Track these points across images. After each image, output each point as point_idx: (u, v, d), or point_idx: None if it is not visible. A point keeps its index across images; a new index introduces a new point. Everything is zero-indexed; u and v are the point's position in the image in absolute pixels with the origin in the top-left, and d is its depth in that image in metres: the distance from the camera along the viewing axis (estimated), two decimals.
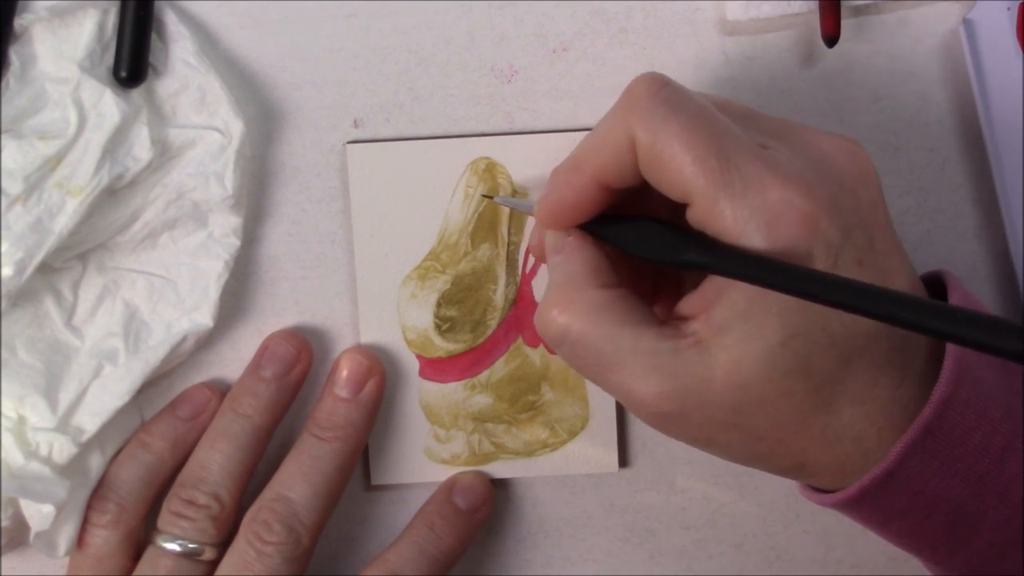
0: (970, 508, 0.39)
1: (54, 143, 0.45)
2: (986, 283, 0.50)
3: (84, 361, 0.47)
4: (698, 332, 0.39)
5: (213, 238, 0.48)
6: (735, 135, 0.38)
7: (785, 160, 0.38)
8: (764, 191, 0.37)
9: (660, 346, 0.39)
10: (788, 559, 0.52)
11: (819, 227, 0.37)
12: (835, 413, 0.39)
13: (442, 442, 0.50)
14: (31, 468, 0.45)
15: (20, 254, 0.44)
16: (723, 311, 0.38)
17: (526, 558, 0.52)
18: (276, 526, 0.46)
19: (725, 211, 0.38)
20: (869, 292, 0.35)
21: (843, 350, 0.38)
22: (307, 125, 0.49)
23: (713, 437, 0.40)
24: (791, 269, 0.36)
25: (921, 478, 0.39)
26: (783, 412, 0.38)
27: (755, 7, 0.48)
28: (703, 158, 0.38)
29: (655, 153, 0.38)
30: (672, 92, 0.39)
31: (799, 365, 0.38)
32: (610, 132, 0.40)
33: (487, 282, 0.49)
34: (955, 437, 0.38)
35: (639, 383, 0.39)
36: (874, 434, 0.39)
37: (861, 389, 0.39)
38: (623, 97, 0.40)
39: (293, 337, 0.49)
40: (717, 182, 0.38)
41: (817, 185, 0.38)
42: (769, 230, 0.37)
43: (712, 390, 0.38)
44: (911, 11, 0.49)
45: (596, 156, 0.40)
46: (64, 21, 0.46)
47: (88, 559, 0.47)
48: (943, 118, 0.50)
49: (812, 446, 0.39)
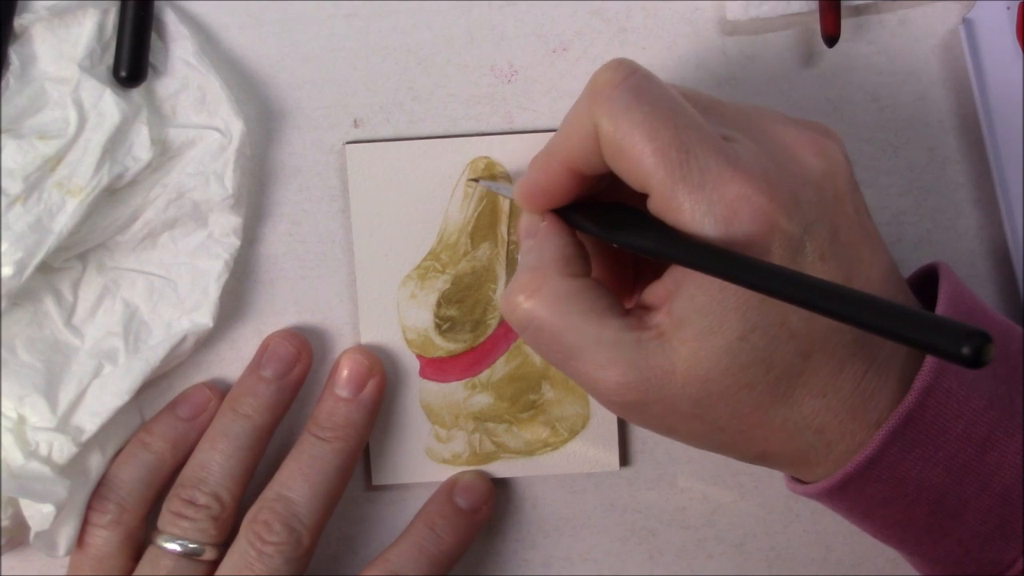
0: (952, 497, 0.40)
1: (54, 143, 0.45)
2: (986, 283, 0.50)
3: (84, 361, 0.47)
4: (661, 324, 0.39)
5: (213, 238, 0.48)
6: (698, 126, 0.38)
7: (747, 154, 0.38)
8: (722, 185, 0.37)
9: (623, 337, 0.39)
10: (788, 559, 0.52)
11: (776, 223, 0.37)
12: (795, 405, 0.39)
13: (443, 442, 0.50)
14: (31, 468, 0.45)
15: (20, 254, 0.44)
16: (682, 304, 0.38)
17: (526, 558, 0.52)
18: (277, 526, 0.46)
19: (683, 203, 0.38)
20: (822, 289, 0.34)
21: (802, 344, 0.38)
22: (307, 125, 0.49)
23: (675, 426, 0.40)
24: (747, 262, 0.36)
25: (903, 466, 0.39)
26: (744, 404, 0.39)
27: (755, 7, 0.48)
28: (663, 149, 0.38)
29: (616, 142, 0.38)
30: (638, 80, 0.39)
31: (758, 359, 0.38)
32: (577, 119, 0.40)
33: (487, 281, 0.49)
34: (937, 426, 0.39)
35: (601, 373, 0.39)
36: (836, 426, 0.39)
37: (822, 381, 0.39)
38: (589, 84, 0.40)
39: (293, 337, 0.49)
40: (675, 174, 0.38)
41: (777, 180, 0.38)
42: (726, 225, 0.37)
43: (673, 382, 0.38)
44: (911, 11, 0.49)
45: (566, 142, 0.40)
46: (64, 21, 0.46)
47: (88, 559, 0.47)
48: (943, 118, 0.50)
49: (774, 436, 0.39)
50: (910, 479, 0.39)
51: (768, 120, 0.41)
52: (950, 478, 0.39)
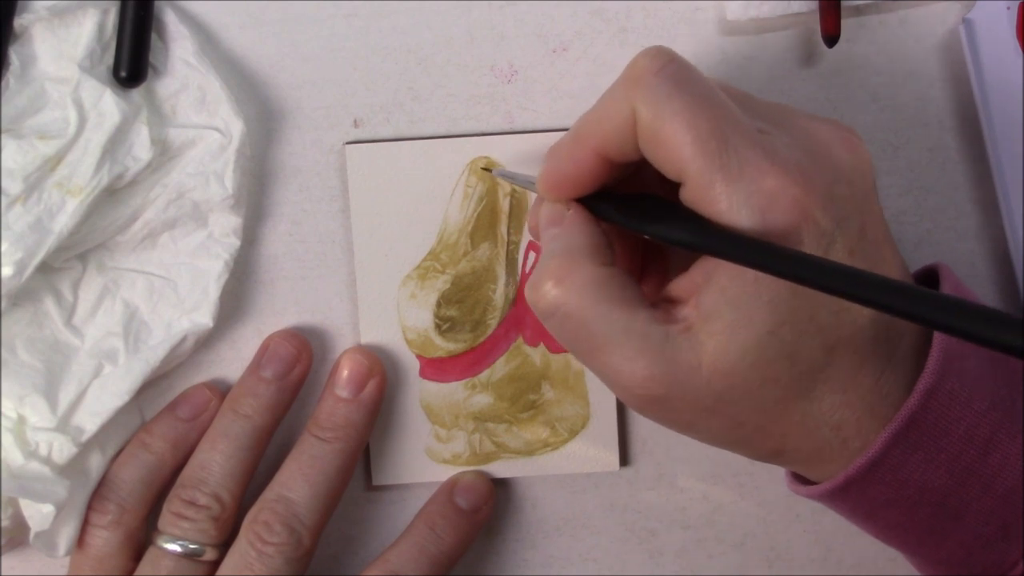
0: (954, 498, 0.40)
1: (54, 143, 0.45)
2: (986, 283, 0.50)
3: (84, 361, 0.47)
4: (688, 317, 0.39)
5: (213, 238, 0.48)
6: (736, 118, 0.38)
7: (783, 147, 0.38)
8: (760, 177, 0.37)
9: (652, 329, 0.38)
10: (788, 559, 0.52)
11: (812, 215, 0.37)
12: (816, 400, 0.39)
13: (443, 442, 0.50)
14: (31, 468, 0.45)
15: (20, 254, 0.44)
16: (712, 296, 0.38)
17: (526, 558, 0.52)
18: (277, 527, 0.46)
19: (720, 194, 0.38)
20: (863, 278, 0.35)
21: (828, 338, 0.38)
22: (307, 125, 0.49)
23: (694, 422, 0.40)
24: (784, 252, 0.36)
25: (905, 467, 0.39)
26: (766, 399, 0.38)
27: (755, 7, 0.48)
28: (702, 139, 0.38)
29: (655, 129, 0.38)
30: (678, 68, 0.39)
31: (785, 353, 0.38)
32: (613, 104, 0.39)
33: (487, 281, 0.49)
34: (939, 427, 0.39)
35: (627, 365, 0.38)
36: (853, 422, 0.39)
37: (843, 377, 0.39)
38: (627, 69, 0.39)
39: (293, 337, 0.49)
40: (714, 164, 0.37)
41: (813, 173, 0.38)
42: (763, 216, 0.37)
43: (699, 377, 0.38)
44: (911, 11, 0.49)
45: (598, 128, 0.40)
46: (64, 21, 0.46)
47: (89, 560, 0.47)
48: (943, 118, 0.50)
49: (792, 432, 0.39)
50: (912, 481, 0.39)
51: (798, 116, 0.41)
52: (952, 480, 0.39)
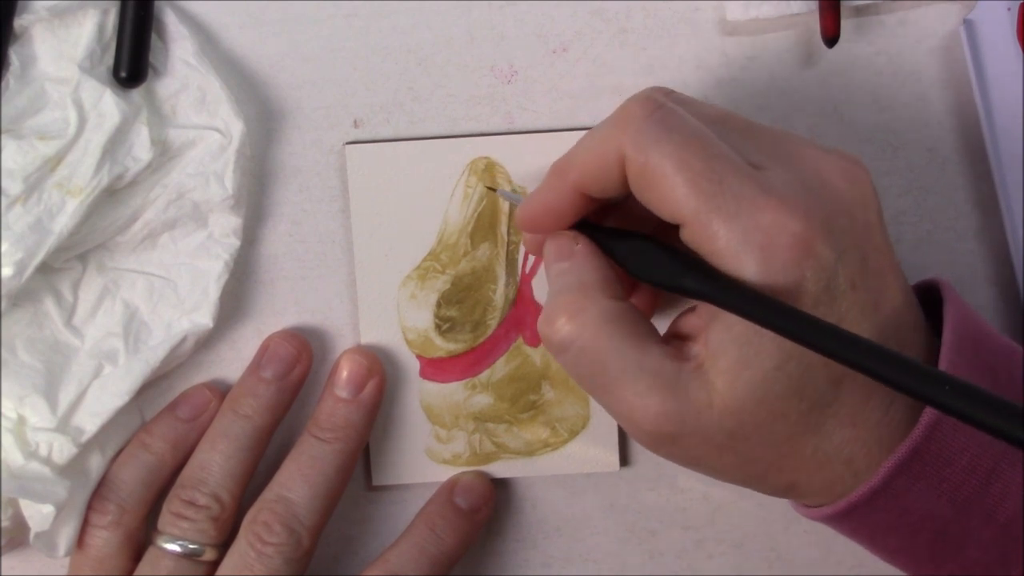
0: (956, 526, 0.40)
1: (54, 143, 0.45)
2: (986, 284, 0.50)
3: (84, 361, 0.47)
4: (699, 355, 0.39)
5: (213, 238, 0.48)
6: (728, 157, 0.38)
7: (780, 182, 0.38)
8: (757, 213, 0.37)
9: (665, 366, 0.38)
10: (788, 559, 0.52)
11: (812, 250, 0.37)
12: (826, 435, 0.39)
13: (443, 442, 0.50)
14: (31, 468, 0.45)
15: (20, 254, 0.44)
16: (718, 334, 0.38)
17: (526, 558, 0.52)
18: (277, 527, 0.46)
19: (718, 233, 0.37)
20: (857, 344, 0.35)
21: (834, 371, 0.38)
22: (307, 125, 0.49)
23: (705, 459, 0.40)
24: (784, 309, 0.36)
25: (907, 497, 0.39)
26: (777, 435, 0.38)
27: (755, 7, 0.48)
28: (695, 180, 0.38)
29: (646, 173, 0.38)
30: (666, 113, 0.39)
31: (793, 388, 0.38)
32: (599, 145, 0.40)
33: (487, 282, 0.49)
34: (942, 459, 0.39)
35: (640, 401, 0.38)
36: (863, 455, 0.39)
37: (852, 411, 0.39)
38: (617, 113, 0.40)
39: (293, 337, 0.49)
40: (709, 204, 0.37)
41: (812, 207, 0.38)
42: (762, 253, 0.37)
43: (710, 415, 0.38)
44: (911, 11, 0.49)
45: (581, 165, 0.40)
46: (64, 21, 0.46)
47: (89, 560, 0.47)
48: (943, 118, 0.50)
49: (803, 467, 0.39)
50: (915, 509, 0.39)
51: (799, 145, 0.41)
52: (954, 509, 0.39)
